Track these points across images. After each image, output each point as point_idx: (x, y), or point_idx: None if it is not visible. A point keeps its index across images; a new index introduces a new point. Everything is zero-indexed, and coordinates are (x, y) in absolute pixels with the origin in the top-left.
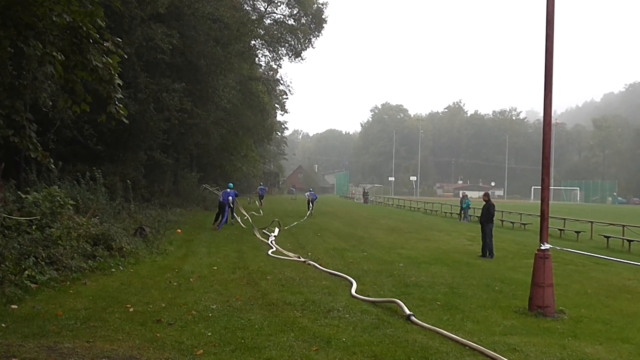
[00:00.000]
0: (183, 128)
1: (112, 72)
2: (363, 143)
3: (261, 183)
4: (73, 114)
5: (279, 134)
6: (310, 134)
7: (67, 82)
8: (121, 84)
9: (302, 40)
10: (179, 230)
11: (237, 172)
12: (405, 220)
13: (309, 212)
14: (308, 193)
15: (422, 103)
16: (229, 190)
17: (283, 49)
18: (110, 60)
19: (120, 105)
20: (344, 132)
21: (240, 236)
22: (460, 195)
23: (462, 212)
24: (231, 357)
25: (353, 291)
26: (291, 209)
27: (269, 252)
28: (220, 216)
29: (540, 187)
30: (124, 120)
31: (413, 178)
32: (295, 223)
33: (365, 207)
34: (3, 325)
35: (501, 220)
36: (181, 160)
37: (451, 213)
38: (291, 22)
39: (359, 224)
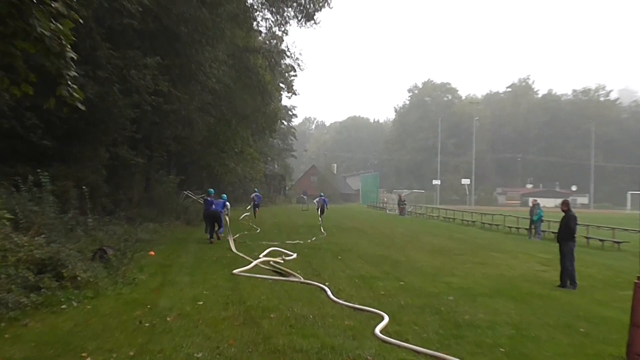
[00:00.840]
0: (158, 116)
1: (64, 43)
2: (398, 134)
3: (255, 188)
4: (11, 98)
5: (285, 123)
6: (327, 123)
7: (3, 56)
8: (75, 58)
9: None
10: (152, 253)
11: (229, 174)
12: (456, 237)
13: (320, 223)
14: (317, 199)
15: (476, 81)
16: (210, 198)
17: (290, 9)
18: (61, 27)
19: (75, 87)
20: (371, 120)
21: (235, 259)
22: (530, 204)
23: (533, 226)
24: None
25: (378, 331)
26: (302, 223)
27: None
28: (216, 226)
29: None
30: (80, 106)
31: (465, 181)
32: (307, 240)
33: (401, 220)
34: None
35: (586, 238)
36: (155, 160)
37: (517, 228)
38: None
39: (394, 243)
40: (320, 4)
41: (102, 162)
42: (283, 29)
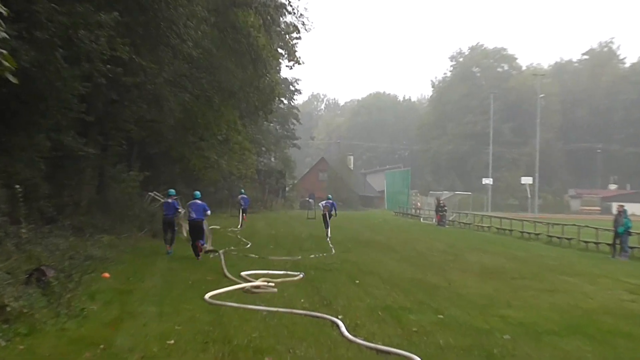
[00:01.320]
0: (116, 92)
1: None
2: (436, 117)
3: (242, 188)
4: None
5: (285, 101)
6: (341, 102)
7: None
8: (5, 13)
9: None
10: (107, 274)
11: (210, 169)
12: (514, 255)
13: (327, 234)
14: (324, 202)
15: (541, 46)
16: (172, 200)
17: None
18: None
19: (4, 52)
20: (400, 98)
21: (219, 281)
22: (614, 211)
23: (618, 240)
24: None
25: None
26: (307, 235)
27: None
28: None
29: None
30: (11, 78)
31: (526, 180)
32: (311, 255)
33: (440, 231)
34: None
35: None
36: (112, 150)
37: (597, 243)
38: None
39: (430, 262)
40: None
41: (41, 153)
42: None
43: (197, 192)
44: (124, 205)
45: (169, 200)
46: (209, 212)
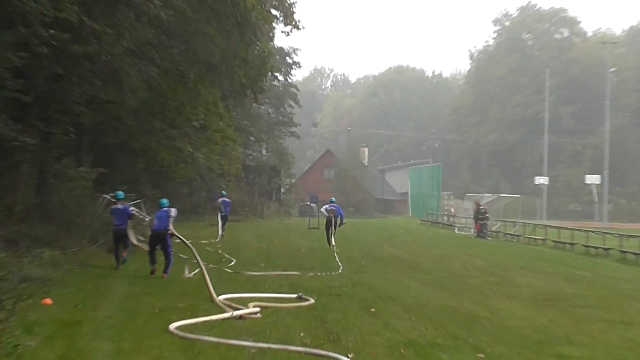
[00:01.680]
0: (61, 65)
1: None
2: (474, 98)
3: (222, 190)
4: None
5: (281, 78)
6: (352, 79)
7: None
8: None
9: None
10: (49, 300)
11: (183, 165)
12: (576, 276)
13: (331, 243)
14: (327, 207)
15: (609, 7)
16: (123, 206)
17: None
18: None
19: None
20: (428, 74)
21: (194, 308)
22: None
23: None
24: None
25: None
26: (307, 250)
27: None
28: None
29: None
30: None
31: (593, 179)
32: (310, 274)
33: (480, 245)
34: None
35: None
36: (56, 140)
37: None
38: None
39: (467, 285)
40: None
41: None
42: None
43: (165, 200)
44: (71, 211)
45: (119, 206)
46: (173, 213)
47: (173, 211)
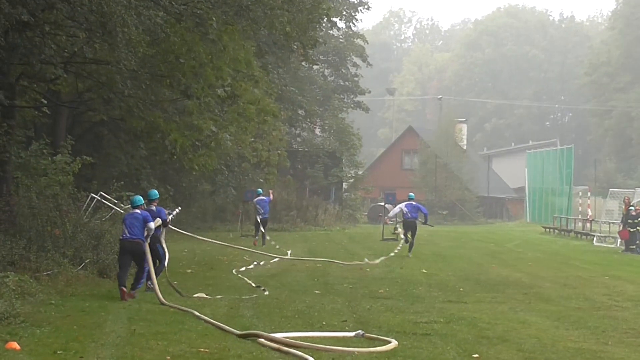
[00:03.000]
0: (27, 9)
1: None
2: (621, 50)
3: (259, 189)
4: None
5: (342, 25)
6: (444, 27)
7: None
8: None
9: None
10: (15, 345)
11: (204, 151)
12: None
13: (400, 245)
14: (405, 205)
15: None
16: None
17: None
18: None
19: None
20: (554, 18)
21: (224, 349)
22: None
23: None
24: None
25: None
26: (380, 274)
27: None
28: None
29: None
30: None
31: None
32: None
33: (631, 261)
34: None
35: None
36: (21, 117)
37: None
38: None
39: (613, 321)
40: None
41: None
42: None
43: (138, 197)
44: (45, 218)
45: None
46: (151, 225)
47: (151, 223)
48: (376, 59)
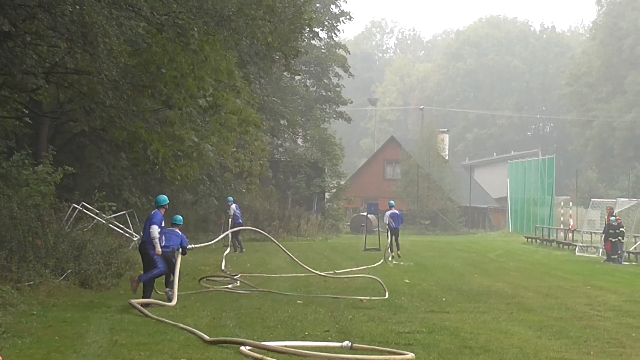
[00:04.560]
0: (8, 19)
1: None
2: (603, 61)
3: (229, 197)
4: None
5: (324, 35)
6: (426, 37)
7: None
8: None
9: None
10: None
11: (186, 161)
12: None
13: (387, 255)
14: (389, 213)
15: None
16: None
17: None
18: None
19: None
20: (535, 29)
21: None
22: None
23: None
24: None
25: None
26: (363, 283)
27: None
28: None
29: None
30: None
31: None
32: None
33: (612, 271)
34: None
35: None
36: (1, 127)
37: None
38: None
39: (595, 331)
40: None
41: None
42: None
43: (163, 197)
44: (26, 228)
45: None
46: (155, 228)
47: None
48: (358, 69)
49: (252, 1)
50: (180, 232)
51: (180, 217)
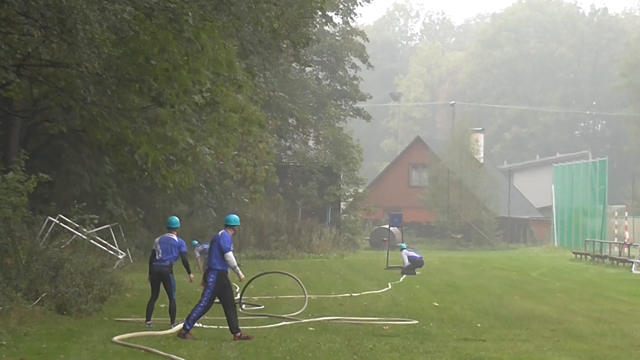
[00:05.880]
0: None
1: None
2: None
3: (194, 240)
4: None
5: (338, 20)
6: (457, 22)
7: None
8: None
9: None
10: None
11: (179, 167)
12: None
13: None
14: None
15: None
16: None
17: None
18: None
19: None
20: (584, 11)
21: None
22: None
23: None
24: None
25: None
26: (389, 305)
27: None
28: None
29: None
30: None
31: None
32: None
33: None
34: None
35: None
36: None
37: None
38: None
39: None
40: None
41: None
42: None
43: (174, 219)
44: None
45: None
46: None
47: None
48: (378, 60)
49: None
50: (177, 238)
51: (177, 219)
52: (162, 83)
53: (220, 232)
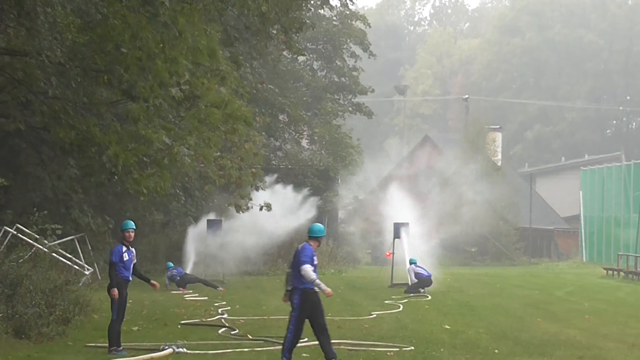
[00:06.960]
0: None
1: None
2: None
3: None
4: None
5: (334, 2)
6: (471, 4)
7: None
8: None
9: None
10: None
11: (153, 170)
12: None
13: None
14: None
15: None
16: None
17: None
18: None
19: None
20: None
21: None
22: None
23: None
24: None
25: None
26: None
27: None
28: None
29: None
30: None
31: None
32: None
33: None
34: None
35: None
36: None
37: None
38: None
39: None
40: None
41: None
42: None
43: (129, 222)
44: None
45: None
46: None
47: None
48: (382, 48)
49: None
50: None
51: (132, 222)
52: (135, 74)
53: (301, 245)
